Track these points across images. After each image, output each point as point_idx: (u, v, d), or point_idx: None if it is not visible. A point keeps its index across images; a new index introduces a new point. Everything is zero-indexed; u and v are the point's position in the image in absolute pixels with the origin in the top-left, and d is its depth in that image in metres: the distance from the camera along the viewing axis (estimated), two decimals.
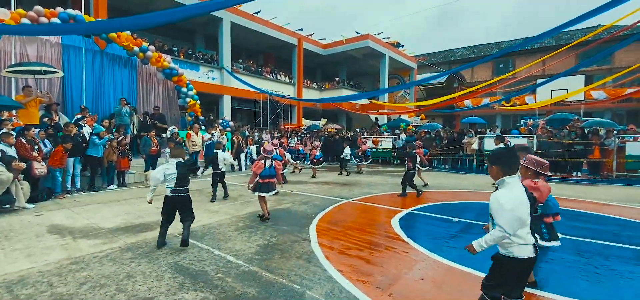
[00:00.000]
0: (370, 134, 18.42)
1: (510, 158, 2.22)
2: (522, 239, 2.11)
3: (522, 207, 2.09)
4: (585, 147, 10.75)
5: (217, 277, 3.26)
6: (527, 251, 2.12)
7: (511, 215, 2.04)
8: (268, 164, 5.26)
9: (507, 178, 2.19)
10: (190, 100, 13.69)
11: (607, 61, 26.82)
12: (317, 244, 4.24)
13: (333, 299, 2.84)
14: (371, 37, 23.57)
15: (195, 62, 17.17)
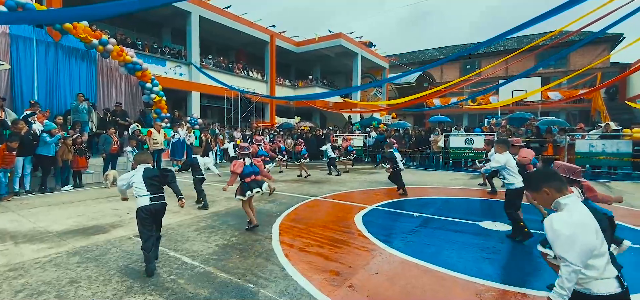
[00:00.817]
0: (343, 132, 18.58)
1: (552, 174, 1.92)
2: (599, 271, 1.68)
3: (587, 231, 1.69)
4: (540, 145, 11.45)
5: (169, 280, 3.15)
6: (611, 286, 1.68)
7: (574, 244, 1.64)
8: (248, 161, 5.02)
9: (562, 199, 1.84)
10: (155, 97, 13.16)
11: (563, 64, 28.68)
12: (278, 242, 4.22)
13: (286, 296, 2.83)
14: (344, 36, 23.75)
15: (161, 57, 16.51)
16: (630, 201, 6.82)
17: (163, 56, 16.72)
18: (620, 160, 10.45)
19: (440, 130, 14.12)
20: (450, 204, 6.67)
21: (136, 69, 12.84)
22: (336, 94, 20.91)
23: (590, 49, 26.17)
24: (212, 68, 18.95)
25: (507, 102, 16.04)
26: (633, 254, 3.93)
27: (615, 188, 8.42)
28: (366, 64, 28.25)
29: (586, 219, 1.74)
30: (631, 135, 10.49)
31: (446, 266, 3.48)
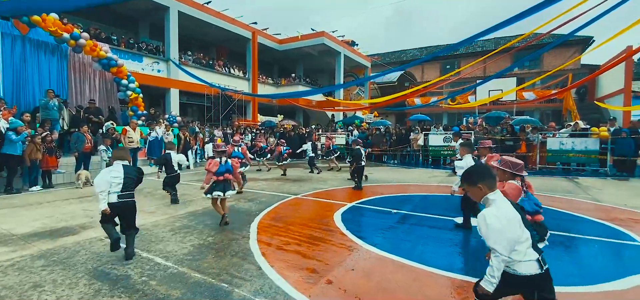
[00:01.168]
0: (326, 131, 18.62)
1: (488, 172, 2.08)
2: (524, 254, 1.91)
3: (511, 224, 1.90)
4: (514, 143, 11.87)
5: (140, 281, 3.06)
6: (533, 267, 1.91)
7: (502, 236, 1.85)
8: (223, 160, 4.97)
9: (491, 195, 2.00)
10: (131, 94, 12.75)
11: (537, 65, 29.81)
12: (256, 241, 4.18)
13: (261, 294, 2.81)
14: (326, 34, 23.78)
15: (138, 52, 16.01)
16: (597, 196, 7.19)
17: (140, 52, 16.22)
18: (588, 157, 10.97)
19: (420, 129, 14.38)
20: (428, 201, 6.82)
21: (111, 64, 12.39)
22: (319, 92, 20.93)
23: (563, 50, 27.32)
24: (192, 65, 18.56)
25: (484, 102, 16.54)
26: (597, 245, 4.15)
27: (583, 184, 8.84)
28: (349, 63, 28.41)
29: (511, 213, 1.93)
30: (598, 133, 11.03)
31: (421, 261, 3.55)
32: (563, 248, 3.99)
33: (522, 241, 1.91)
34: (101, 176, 3.58)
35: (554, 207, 6.12)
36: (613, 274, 3.26)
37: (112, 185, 3.54)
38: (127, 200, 3.62)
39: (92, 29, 15.05)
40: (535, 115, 24.52)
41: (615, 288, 2.97)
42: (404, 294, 2.89)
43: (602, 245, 4.13)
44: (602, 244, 4.19)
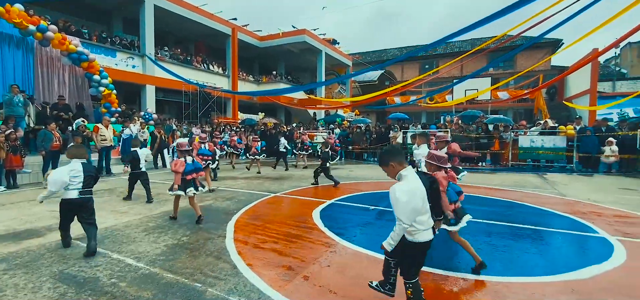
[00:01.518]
0: (307, 129, 18.60)
1: (398, 152, 2.38)
2: (423, 224, 2.26)
3: (416, 197, 2.18)
4: (488, 141, 12.30)
5: (109, 283, 2.96)
6: (428, 235, 2.29)
7: (407, 207, 2.15)
8: (189, 159, 4.89)
9: (403, 170, 2.29)
10: (103, 90, 12.26)
11: (510, 66, 30.96)
12: (232, 240, 4.13)
13: (235, 293, 2.79)
14: (308, 32, 23.73)
15: (111, 47, 15.40)
16: (563, 191, 7.56)
17: (113, 46, 15.61)
18: (556, 154, 11.53)
19: (399, 127, 14.63)
20: None
21: (82, 59, 11.88)
22: (300, 89, 20.86)
23: (534, 52, 28.51)
24: (169, 60, 18.05)
25: (461, 101, 17.01)
26: (561, 237, 4.37)
27: (550, 179, 9.28)
28: (330, 61, 28.48)
29: (417, 188, 2.22)
30: (565, 131, 11.61)
31: None
32: (530, 241, 4.17)
33: (423, 213, 2.23)
34: (58, 175, 3.63)
35: (524, 202, 6.39)
36: (575, 265, 3.44)
37: (71, 183, 3.66)
38: (86, 197, 3.77)
39: (61, 22, 14.34)
40: (508, 114, 25.49)
41: (577, 277, 3.14)
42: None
43: (566, 237, 4.36)
44: (566, 236, 4.42)
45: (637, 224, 4.93)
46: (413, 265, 2.35)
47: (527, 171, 11.17)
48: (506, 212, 5.63)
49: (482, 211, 5.64)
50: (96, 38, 15.38)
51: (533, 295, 2.78)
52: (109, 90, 12.48)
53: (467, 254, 3.76)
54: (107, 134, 9.49)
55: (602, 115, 15.66)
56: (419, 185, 2.24)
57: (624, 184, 8.45)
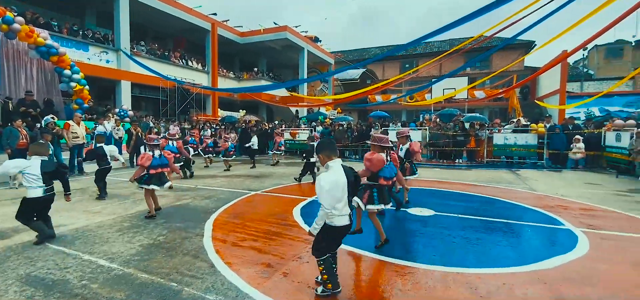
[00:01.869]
0: (289, 127, 18.52)
1: (329, 145, 2.70)
2: (339, 211, 2.59)
3: (337, 187, 2.52)
4: (464, 138, 12.67)
5: (79, 285, 2.86)
6: (344, 220, 2.64)
7: (328, 195, 2.49)
8: (157, 153, 4.86)
9: (330, 162, 2.63)
10: (75, 85, 11.73)
11: (486, 66, 31.98)
12: (210, 239, 4.07)
13: (212, 291, 2.76)
14: (289, 29, 23.59)
15: (83, 40, 14.74)
16: (533, 186, 7.91)
17: (85, 40, 14.95)
18: (528, 151, 12.03)
19: (379, 125, 14.82)
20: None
21: (51, 52, 11.32)
22: (282, 86, 20.75)
23: (509, 53, 29.57)
24: (145, 56, 17.49)
25: (439, 99, 17.41)
26: (531, 230, 4.57)
27: (523, 175, 9.68)
28: (312, 59, 28.45)
29: (338, 178, 2.55)
30: (537, 129, 12.13)
31: (372, 250, 3.69)
32: (502, 233, 4.35)
33: (342, 200, 2.56)
34: (15, 163, 3.77)
35: (497, 197, 6.64)
36: (543, 255, 3.62)
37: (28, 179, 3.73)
38: (50, 195, 3.91)
39: (29, 14, 13.60)
40: (485, 112, 26.34)
41: (544, 268, 3.30)
42: (354, 280, 2.99)
43: (535, 230, 4.57)
44: (535, 228, 4.64)
45: (600, 216, 5.24)
46: (327, 246, 2.68)
47: (500, 167, 11.60)
48: (480, 207, 5.84)
49: (458, 206, 5.82)
50: (67, 31, 14.68)
51: (503, 285, 2.91)
52: (81, 86, 11.96)
53: (443, 247, 3.89)
54: (79, 131, 9.10)
55: (570, 114, 16.47)
56: (341, 177, 2.57)
57: (589, 179, 8.94)
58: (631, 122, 10.39)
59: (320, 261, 2.66)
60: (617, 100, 19.48)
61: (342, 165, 2.66)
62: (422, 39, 6.27)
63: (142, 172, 4.87)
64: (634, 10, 6.25)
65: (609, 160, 10.51)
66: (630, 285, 2.95)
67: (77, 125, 9.15)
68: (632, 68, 31.57)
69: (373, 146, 3.81)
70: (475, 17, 5.04)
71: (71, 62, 11.95)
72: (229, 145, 10.89)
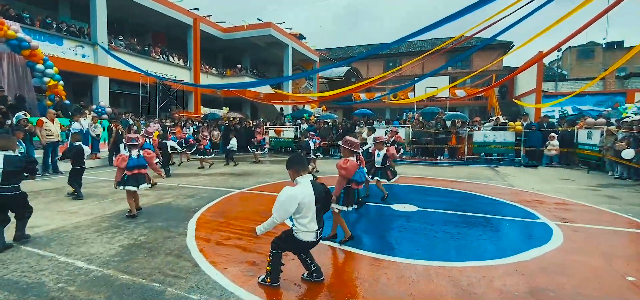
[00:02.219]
0: (274, 124, 18.39)
1: (298, 160, 2.79)
2: (305, 227, 2.64)
3: (292, 202, 2.55)
4: (446, 136, 12.97)
5: (56, 288, 2.75)
6: (309, 237, 2.68)
7: (281, 207, 2.56)
8: (134, 153, 4.72)
9: (298, 178, 2.70)
10: (49, 80, 11.23)
11: (467, 65, 32.79)
12: (194, 238, 4.00)
13: (197, 291, 2.72)
14: (273, 25, 23.38)
15: (57, 34, 14.11)
16: (511, 182, 8.19)
17: (60, 33, 14.31)
18: (506, 148, 12.44)
19: (364, 123, 14.96)
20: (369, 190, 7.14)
21: (22, 46, 10.79)
22: (266, 83, 20.57)
23: (489, 53, 30.42)
24: (124, 51, 16.92)
25: (421, 98, 17.72)
26: (509, 224, 4.74)
27: (501, 172, 10.00)
28: (297, 56, 28.32)
29: (297, 194, 2.58)
30: (514, 127, 12.55)
31: (359, 247, 3.72)
32: (482, 228, 4.49)
33: (305, 216, 2.63)
34: None
35: (477, 193, 6.84)
36: (520, 248, 3.76)
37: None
38: (8, 194, 3.56)
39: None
40: (465, 111, 27.00)
41: (521, 260, 3.43)
42: (340, 276, 3.02)
43: (513, 224, 4.74)
44: (513, 222, 4.81)
45: (573, 210, 5.49)
46: (285, 247, 2.76)
47: (480, 164, 11.95)
48: (461, 203, 6.00)
49: (440, 202, 5.96)
50: (39, 23, 14.01)
51: (484, 278, 3.00)
52: (55, 81, 11.46)
53: (426, 242, 3.98)
54: (53, 128, 8.72)
55: (545, 112, 17.13)
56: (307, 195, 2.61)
57: (562, 175, 9.34)
58: (601, 120, 10.91)
59: (272, 252, 2.75)
60: (588, 99, 20.41)
61: (311, 182, 2.71)
62: (405, 38, 6.37)
63: (122, 173, 4.72)
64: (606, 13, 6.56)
65: (581, 156, 11.01)
66: (601, 274, 3.11)
67: (51, 123, 8.76)
68: (602, 68, 33.14)
69: (345, 150, 3.79)
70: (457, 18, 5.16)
71: (44, 57, 11.43)
72: (206, 143, 10.72)
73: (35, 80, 11.46)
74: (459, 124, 13.24)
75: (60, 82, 11.68)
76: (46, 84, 11.33)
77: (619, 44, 35.16)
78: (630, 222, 4.83)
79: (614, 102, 17.99)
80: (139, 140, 4.99)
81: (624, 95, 20.61)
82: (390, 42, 7.54)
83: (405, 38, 6.36)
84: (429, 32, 5.81)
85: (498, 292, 2.75)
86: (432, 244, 3.90)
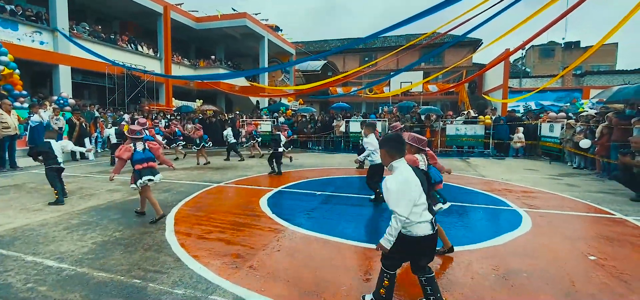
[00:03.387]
0: (250, 117, 18.07)
1: (396, 142, 2.30)
2: (420, 216, 2.15)
3: (409, 188, 2.12)
4: (421, 129, 13.34)
5: (24, 289, 2.57)
6: (426, 229, 2.17)
7: (401, 198, 2.08)
8: (140, 147, 4.38)
9: (394, 163, 2.24)
10: (3, 69, 10.33)
11: (439, 61, 33.81)
12: (173, 233, 3.88)
13: (181, 285, 2.64)
14: (248, 16, 22.83)
15: (11, 18, 12.98)
16: (482, 172, 8.60)
17: (14, 18, 13.17)
18: (476, 141, 13.02)
19: (342, 117, 15.06)
20: (348, 182, 7.24)
21: None
22: (241, 75, 20.14)
23: (459, 50, 31.52)
24: (88, 38, 15.88)
25: (396, 92, 18.11)
26: (482, 211, 4.97)
27: (472, 163, 10.47)
28: (273, 48, 27.88)
29: (411, 177, 2.17)
30: (484, 121, 13.15)
31: (343, 236, 3.77)
32: (457, 216, 4.69)
33: (419, 204, 2.16)
34: None
35: (451, 183, 7.12)
36: (493, 233, 3.97)
37: None
38: None
39: None
40: (437, 105, 27.89)
41: (494, 244, 3.63)
42: (327, 267, 3.04)
43: (486, 211, 4.99)
44: (486, 210, 5.06)
45: (539, 197, 5.86)
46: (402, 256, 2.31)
47: (452, 156, 12.43)
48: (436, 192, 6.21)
49: None
50: None
51: (462, 262, 3.15)
52: (10, 70, 10.55)
53: None
54: (10, 120, 8.05)
55: (511, 107, 18.07)
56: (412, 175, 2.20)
57: (527, 166, 9.93)
58: (562, 115, 11.68)
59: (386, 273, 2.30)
60: (549, 95, 21.71)
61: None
62: (381, 32, 6.47)
63: (123, 166, 4.32)
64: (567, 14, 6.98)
65: (544, 148, 11.74)
66: (567, 255, 3.36)
67: (7, 114, 8.09)
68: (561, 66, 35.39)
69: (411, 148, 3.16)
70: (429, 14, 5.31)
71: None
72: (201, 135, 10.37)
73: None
74: (433, 117, 13.66)
75: (16, 71, 10.78)
76: (0, 72, 10.41)
77: (576, 43, 37.62)
78: (588, 207, 5.24)
79: (572, 98, 19.30)
80: (142, 133, 4.56)
81: (580, 91, 22.14)
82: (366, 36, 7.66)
83: (380, 32, 6.46)
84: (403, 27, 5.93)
85: (475, 275, 2.89)
86: None
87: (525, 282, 2.79)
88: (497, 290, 2.66)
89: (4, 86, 10.58)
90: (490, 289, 2.66)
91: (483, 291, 2.63)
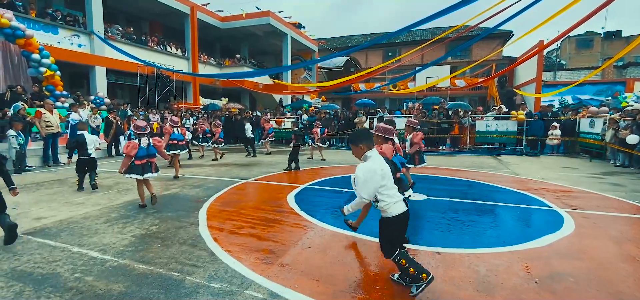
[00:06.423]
0: (274, 115, 18.28)
1: (367, 135, 2.63)
2: (393, 197, 2.48)
3: (374, 176, 2.43)
4: (448, 125, 12.95)
5: (72, 278, 2.72)
6: (401, 207, 2.50)
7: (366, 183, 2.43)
8: (144, 142, 4.62)
9: (368, 153, 2.55)
10: (45, 71, 11.02)
11: (467, 55, 32.64)
12: (206, 227, 3.97)
13: (217, 279, 2.69)
14: (272, 14, 23.03)
15: (52, 22, 13.79)
16: (516, 170, 8.21)
17: (54, 22, 13.99)
18: (508, 137, 12.46)
19: (364, 113, 14.89)
20: None
21: (17, 35, 10.53)
22: (265, 73, 20.35)
23: (488, 43, 30.28)
24: (121, 40, 16.61)
25: (422, 88, 17.63)
26: (519, 211, 4.74)
27: (504, 160, 10.03)
28: (296, 45, 27.99)
29: (376, 167, 2.46)
30: (517, 117, 12.56)
31: (371, 234, 3.71)
32: (493, 215, 4.49)
33: (390, 187, 2.49)
34: None
35: (483, 181, 6.85)
36: (533, 234, 3.77)
37: None
38: None
39: None
40: (465, 100, 26.97)
41: (535, 246, 3.44)
42: (358, 265, 3.00)
43: (523, 211, 4.75)
44: (523, 210, 4.82)
45: (579, 197, 5.51)
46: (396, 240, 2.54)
47: (482, 153, 11.97)
48: (469, 191, 6.00)
49: (448, 191, 5.96)
50: (34, 12, 13.67)
51: (502, 264, 3.01)
52: (52, 71, 11.24)
53: (440, 230, 3.97)
54: (53, 119, 8.58)
55: (545, 102, 17.15)
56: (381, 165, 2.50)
57: (565, 164, 9.38)
58: (604, 109, 10.94)
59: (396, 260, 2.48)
60: (588, 88, 20.44)
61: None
62: (408, 28, 6.29)
63: (129, 161, 4.60)
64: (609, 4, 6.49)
65: (583, 145, 11.05)
66: (613, 258, 3.13)
67: (50, 113, 8.62)
68: (601, 58, 33.18)
69: (378, 138, 3.68)
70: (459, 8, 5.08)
71: (40, 46, 11.19)
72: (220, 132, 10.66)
73: (31, 70, 11.23)
74: (461, 113, 13.22)
75: (57, 72, 11.46)
76: (43, 74, 11.11)
77: (617, 33, 35.10)
78: (637, 208, 4.87)
79: (613, 91, 18.03)
80: (147, 129, 4.86)
81: (623, 84, 20.65)
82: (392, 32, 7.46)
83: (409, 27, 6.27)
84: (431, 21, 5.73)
85: (518, 277, 2.75)
86: (446, 231, 3.90)
87: (571, 285, 2.62)
88: (541, 294, 2.51)
89: (46, 87, 11.30)
90: (533, 293, 2.52)
91: (526, 295, 2.49)
